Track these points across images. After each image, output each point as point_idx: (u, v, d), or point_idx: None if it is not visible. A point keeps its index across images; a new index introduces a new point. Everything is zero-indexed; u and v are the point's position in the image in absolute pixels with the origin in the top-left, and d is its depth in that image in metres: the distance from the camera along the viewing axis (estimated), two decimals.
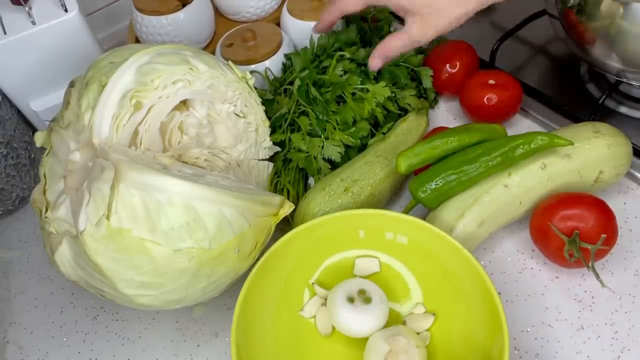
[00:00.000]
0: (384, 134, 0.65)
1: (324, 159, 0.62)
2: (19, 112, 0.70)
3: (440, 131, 0.59)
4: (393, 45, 0.59)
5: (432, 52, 0.71)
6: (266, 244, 0.53)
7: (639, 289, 0.54)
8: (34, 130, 0.73)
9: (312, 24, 0.69)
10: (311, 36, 0.69)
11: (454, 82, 0.69)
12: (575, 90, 0.71)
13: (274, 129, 0.63)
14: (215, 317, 0.57)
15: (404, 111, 0.68)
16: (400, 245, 0.53)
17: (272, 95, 0.67)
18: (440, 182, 0.55)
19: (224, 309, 0.58)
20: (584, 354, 0.51)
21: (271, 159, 0.63)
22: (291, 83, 0.66)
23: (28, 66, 0.66)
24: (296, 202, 0.60)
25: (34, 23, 0.64)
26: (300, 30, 0.73)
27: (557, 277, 0.56)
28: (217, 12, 0.83)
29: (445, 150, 0.56)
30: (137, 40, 0.79)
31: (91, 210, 0.44)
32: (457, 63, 0.69)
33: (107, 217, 0.44)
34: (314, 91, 0.63)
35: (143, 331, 0.58)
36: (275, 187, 0.62)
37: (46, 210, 0.50)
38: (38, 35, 0.64)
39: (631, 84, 0.66)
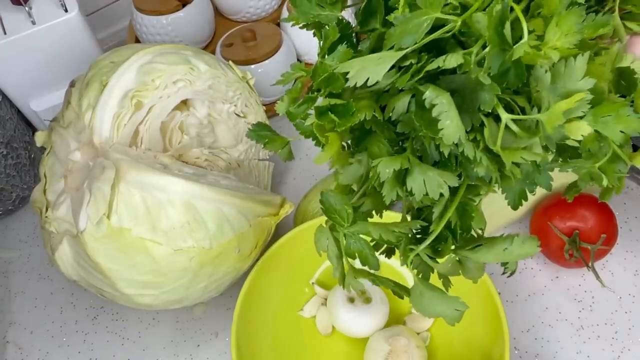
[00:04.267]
0: None
1: None
2: (19, 112, 0.70)
3: None
4: None
5: None
6: (266, 243, 0.53)
7: (639, 289, 0.54)
8: (34, 130, 0.72)
9: None
10: None
11: None
12: None
13: None
14: (215, 317, 0.57)
15: None
16: None
17: None
18: None
19: (224, 308, 0.58)
20: (584, 354, 0.51)
21: (271, 158, 0.63)
22: None
23: (28, 66, 0.66)
24: None
25: (34, 23, 0.64)
26: (300, 31, 0.73)
27: (557, 277, 0.56)
28: (217, 12, 0.83)
29: None
30: (137, 40, 0.79)
31: (92, 209, 0.44)
32: None
33: (108, 217, 0.44)
34: None
35: (143, 331, 0.58)
36: None
37: (46, 210, 0.49)
38: (38, 35, 0.64)
39: None
